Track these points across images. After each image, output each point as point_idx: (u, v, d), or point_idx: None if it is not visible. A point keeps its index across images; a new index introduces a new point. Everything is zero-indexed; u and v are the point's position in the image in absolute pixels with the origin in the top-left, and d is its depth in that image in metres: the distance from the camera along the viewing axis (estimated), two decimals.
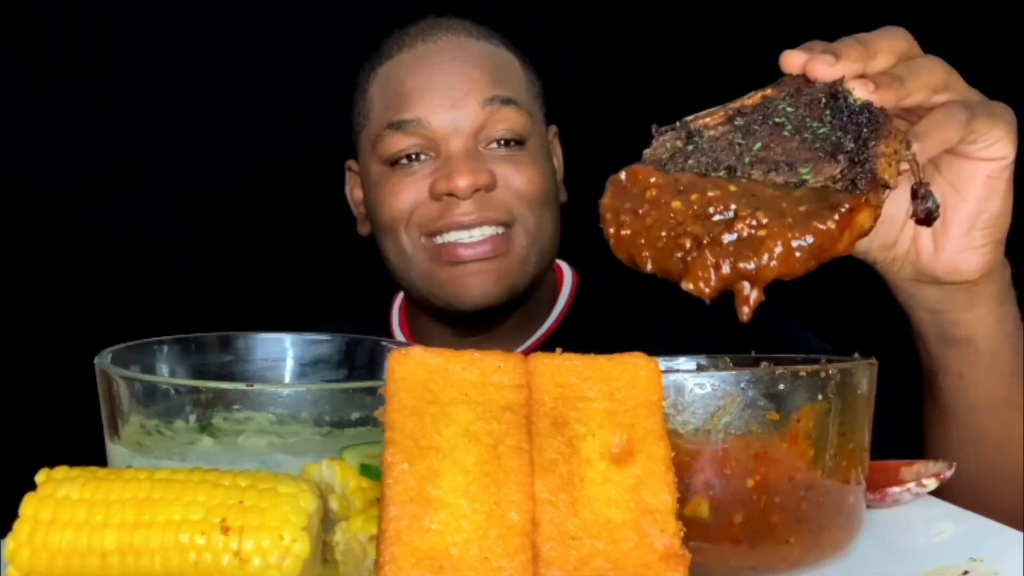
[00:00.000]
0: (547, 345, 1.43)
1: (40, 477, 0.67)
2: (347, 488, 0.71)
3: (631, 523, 0.60)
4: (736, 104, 0.80)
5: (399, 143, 1.35)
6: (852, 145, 0.73)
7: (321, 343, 0.99)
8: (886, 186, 0.71)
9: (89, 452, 0.83)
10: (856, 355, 0.93)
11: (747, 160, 0.75)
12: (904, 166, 0.75)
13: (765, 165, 0.74)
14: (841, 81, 0.78)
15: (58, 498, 0.65)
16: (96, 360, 0.85)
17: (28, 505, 0.65)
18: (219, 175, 2.35)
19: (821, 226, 0.68)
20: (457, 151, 1.34)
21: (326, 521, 0.69)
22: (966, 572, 0.73)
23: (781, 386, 0.72)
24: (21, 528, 0.64)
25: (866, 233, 0.70)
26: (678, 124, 0.79)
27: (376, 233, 1.44)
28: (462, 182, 1.30)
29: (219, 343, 0.96)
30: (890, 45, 0.81)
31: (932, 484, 0.89)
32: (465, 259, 1.33)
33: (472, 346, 0.67)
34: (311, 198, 2.36)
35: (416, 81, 1.37)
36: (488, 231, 1.34)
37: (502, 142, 1.36)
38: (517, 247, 1.36)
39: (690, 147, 0.77)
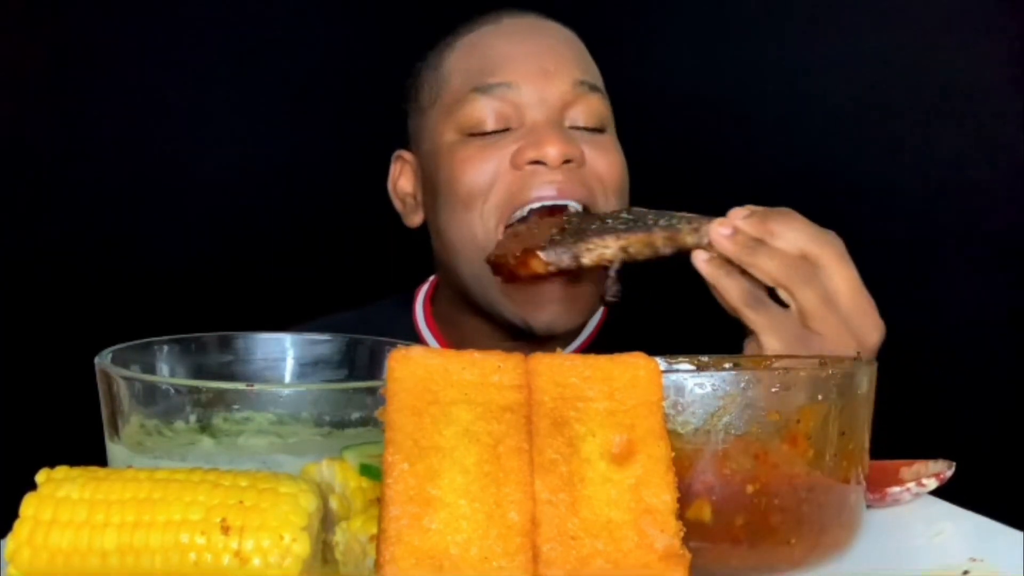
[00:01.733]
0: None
1: (40, 477, 0.67)
2: (347, 488, 0.71)
3: (631, 523, 0.60)
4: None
5: (483, 108, 1.29)
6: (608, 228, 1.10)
7: (321, 343, 0.99)
8: (576, 258, 1.07)
9: (89, 452, 0.83)
10: (856, 354, 0.93)
11: (582, 226, 1.13)
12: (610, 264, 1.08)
13: (576, 231, 1.12)
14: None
15: (58, 498, 0.65)
16: (96, 360, 0.85)
17: (28, 505, 0.65)
18: (220, 174, 2.35)
19: (508, 255, 1.13)
20: (543, 121, 1.29)
21: (326, 521, 0.69)
22: (966, 572, 0.73)
23: (781, 386, 0.72)
24: (21, 528, 0.64)
25: (538, 273, 1.10)
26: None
27: (440, 213, 1.34)
28: (552, 150, 1.24)
29: (219, 343, 0.96)
30: (793, 240, 1.00)
31: (932, 484, 0.89)
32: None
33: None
34: (312, 198, 2.37)
35: (507, 48, 1.33)
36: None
37: (583, 128, 1.32)
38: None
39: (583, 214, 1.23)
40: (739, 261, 1.00)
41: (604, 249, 1.06)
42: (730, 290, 1.00)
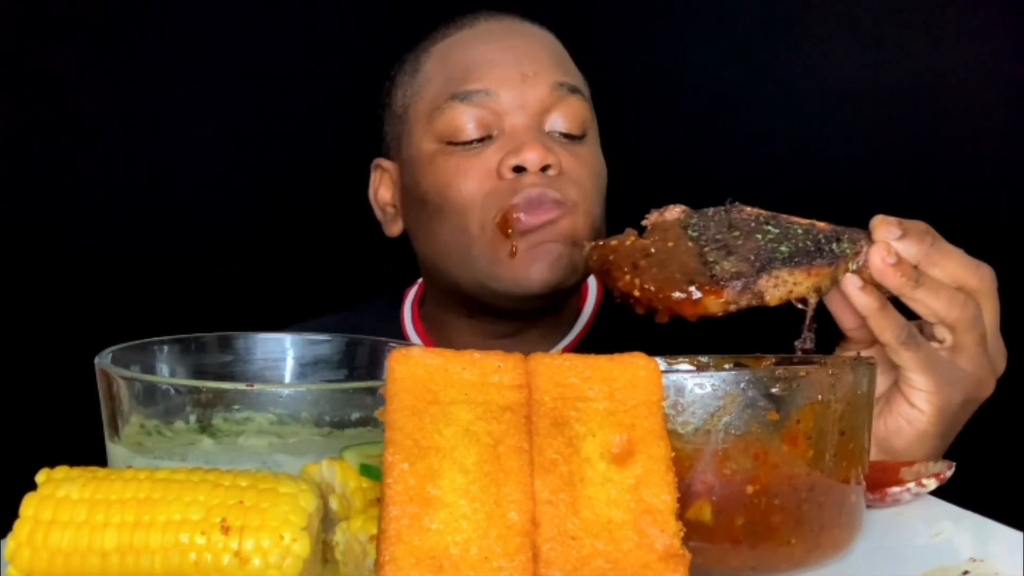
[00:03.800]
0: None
1: (40, 477, 0.67)
2: (347, 488, 0.71)
3: (631, 523, 0.60)
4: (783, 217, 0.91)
5: (462, 115, 1.29)
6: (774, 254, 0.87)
7: (321, 343, 0.99)
8: (760, 296, 0.85)
9: (89, 452, 0.83)
10: (856, 354, 0.93)
11: (718, 237, 0.89)
12: (804, 302, 0.88)
13: (725, 248, 0.87)
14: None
15: (58, 498, 0.65)
16: (96, 360, 0.85)
17: (28, 505, 0.65)
18: (219, 174, 2.35)
19: (673, 292, 0.86)
20: (523, 127, 1.29)
21: (326, 521, 0.69)
22: (966, 572, 0.73)
23: (781, 386, 0.72)
24: (21, 528, 0.64)
25: (713, 314, 0.86)
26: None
27: (427, 222, 1.34)
28: (532, 155, 1.24)
29: (219, 343, 0.96)
30: (952, 272, 0.91)
31: (932, 484, 0.88)
32: (533, 226, 1.24)
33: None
34: (311, 199, 2.36)
35: (484, 53, 1.32)
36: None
37: (562, 134, 1.31)
38: (577, 225, 1.28)
39: (694, 218, 0.92)
40: (901, 295, 0.90)
41: (794, 286, 0.87)
42: (885, 328, 0.90)
